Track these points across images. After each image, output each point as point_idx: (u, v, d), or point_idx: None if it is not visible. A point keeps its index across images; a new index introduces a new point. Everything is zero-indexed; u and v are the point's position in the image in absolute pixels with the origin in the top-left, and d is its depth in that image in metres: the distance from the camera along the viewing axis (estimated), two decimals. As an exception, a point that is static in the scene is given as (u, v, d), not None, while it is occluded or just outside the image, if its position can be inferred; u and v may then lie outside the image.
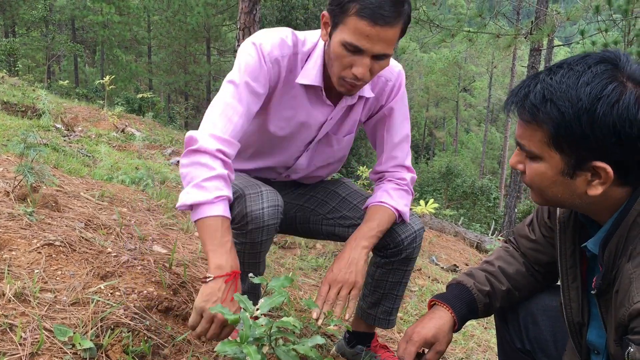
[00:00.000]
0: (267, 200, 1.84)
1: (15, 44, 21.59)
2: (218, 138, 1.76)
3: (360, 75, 1.75)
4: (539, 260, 1.76)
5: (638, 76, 1.23)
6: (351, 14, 1.68)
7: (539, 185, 1.37)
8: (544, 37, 11.91)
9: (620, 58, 1.26)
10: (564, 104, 1.22)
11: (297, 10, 22.57)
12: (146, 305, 2.07)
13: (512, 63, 33.59)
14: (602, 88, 1.20)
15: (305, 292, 3.13)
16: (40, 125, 6.85)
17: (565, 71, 1.25)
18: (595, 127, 1.20)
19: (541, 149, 1.30)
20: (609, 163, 1.23)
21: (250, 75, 1.84)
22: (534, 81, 1.30)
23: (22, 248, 2.12)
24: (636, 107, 1.19)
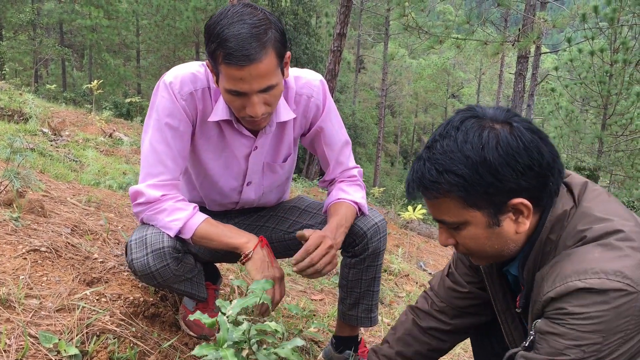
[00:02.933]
0: (151, 244, 1.85)
1: (2, 47, 21.47)
2: (158, 186, 1.88)
3: (254, 114, 1.76)
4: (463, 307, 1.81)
5: (497, 115, 1.36)
6: (220, 63, 1.68)
7: (477, 248, 1.44)
8: (531, 44, 12.01)
9: (476, 109, 1.39)
10: (458, 168, 1.31)
11: (287, 16, 22.62)
12: (132, 311, 2.06)
13: (500, 70, 33.81)
14: (479, 138, 1.30)
15: (293, 298, 3.13)
16: (27, 129, 6.81)
17: (441, 142, 1.35)
18: (493, 172, 1.30)
19: (461, 215, 1.38)
20: (522, 197, 1.33)
21: (168, 115, 1.86)
22: (420, 163, 1.38)
23: (8, 254, 2.10)
24: (513, 138, 1.30)
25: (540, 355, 1.32)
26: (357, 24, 33.67)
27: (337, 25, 10.92)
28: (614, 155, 14.56)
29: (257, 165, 2.08)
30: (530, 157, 1.30)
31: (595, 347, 1.24)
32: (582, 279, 1.25)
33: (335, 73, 11.24)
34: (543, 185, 1.34)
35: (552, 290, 1.30)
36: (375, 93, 40.36)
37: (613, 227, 1.31)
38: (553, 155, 1.35)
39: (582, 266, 1.27)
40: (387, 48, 28.98)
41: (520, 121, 1.36)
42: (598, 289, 1.23)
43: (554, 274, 1.33)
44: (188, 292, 2.09)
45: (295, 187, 9.73)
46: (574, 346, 1.26)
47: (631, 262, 1.25)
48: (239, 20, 1.66)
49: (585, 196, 1.41)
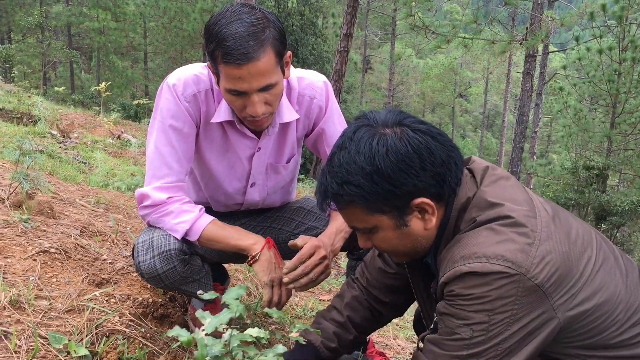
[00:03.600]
0: (158, 247, 1.86)
1: (11, 50, 21.56)
2: (164, 188, 1.88)
3: (254, 113, 1.76)
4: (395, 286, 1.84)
5: (388, 119, 1.41)
6: (219, 63, 1.68)
7: (391, 248, 1.52)
8: (539, 43, 11.97)
9: (368, 115, 1.45)
10: (355, 179, 1.37)
11: (294, 17, 22.64)
12: (141, 312, 2.06)
13: (508, 69, 33.69)
14: (370, 148, 1.36)
15: (301, 299, 3.13)
16: (35, 132, 6.84)
17: (338, 154, 1.41)
18: (388, 179, 1.35)
19: (368, 221, 1.44)
20: (423, 196, 1.39)
21: (172, 117, 1.87)
22: (323, 176, 1.44)
23: (18, 255, 2.12)
24: (402, 143, 1.36)
25: (439, 335, 1.41)
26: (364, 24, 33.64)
27: (344, 26, 10.91)
28: (623, 154, 14.48)
29: (260, 167, 2.08)
30: (421, 159, 1.36)
31: (483, 325, 1.32)
32: (466, 264, 1.33)
33: (342, 73, 11.23)
34: (441, 181, 1.40)
35: (444, 275, 1.38)
36: (382, 93, 40.31)
37: (501, 213, 1.38)
38: (447, 151, 1.40)
39: (467, 251, 1.35)
40: (394, 48, 28.94)
41: (411, 123, 1.41)
42: (480, 272, 1.31)
43: (447, 259, 1.41)
44: (195, 294, 2.09)
45: (303, 188, 9.74)
46: (464, 325, 1.34)
47: (514, 246, 1.32)
48: (237, 20, 1.66)
49: (484, 181, 1.47)
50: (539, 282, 1.30)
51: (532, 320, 1.32)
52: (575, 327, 1.37)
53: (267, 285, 1.89)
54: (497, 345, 1.33)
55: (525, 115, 14.28)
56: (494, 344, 1.33)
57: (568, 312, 1.35)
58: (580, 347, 1.41)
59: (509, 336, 1.32)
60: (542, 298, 1.31)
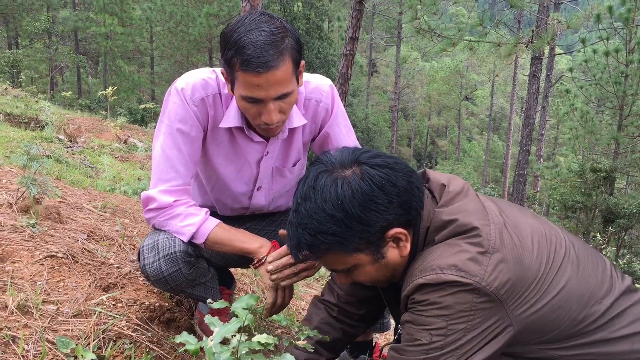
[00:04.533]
0: (163, 249, 1.87)
1: (18, 55, 21.72)
2: (170, 191, 1.89)
3: (269, 121, 1.76)
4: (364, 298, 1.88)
5: (344, 160, 1.45)
6: (237, 70, 1.68)
7: (371, 280, 1.58)
8: (545, 45, 11.93)
9: (323, 160, 1.48)
10: (328, 227, 1.40)
11: (299, 21, 22.68)
12: (148, 316, 2.07)
13: (514, 71, 33.63)
14: (336, 194, 1.39)
15: (307, 302, 3.13)
16: (43, 136, 6.88)
17: (304, 204, 1.43)
18: (360, 220, 1.39)
19: (348, 262, 1.48)
20: (395, 227, 1.43)
21: (180, 121, 1.87)
22: (293, 228, 1.47)
23: (25, 260, 2.13)
24: (366, 183, 1.39)
25: (402, 343, 1.45)
26: (370, 27, 33.68)
27: (349, 29, 10.92)
28: (631, 157, 14.39)
29: (267, 170, 2.08)
30: (387, 194, 1.40)
31: (441, 330, 1.37)
32: (423, 276, 1.39)
33: (348, 77, 11.23)
34: (408, 208, 1.44)
35: (405, 290, 1.45)
36: (388, 96, 40.32)
37: (455, 228, 1.43)
38: (407, 177, 1.45)
39: (424, 264, 1.42)
40: (400, 51, 28.95)
41: (367, 159, 1.44)
42: (435, 283, 1.37)
43: (408, 275, 1.47)
44: (202, 297, 2.09)
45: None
46: (423, 330, 1.39)
47: (466, 255, 1.37)
48: (257, 28, 1.66)
49: (441, 200, 1.51)
50: (493, 289, 1.34)
51: (489, 327, 1.37)
52: (532, 328, 1.41)
53: (272, 288, 1.90)
54: (454, 351, 1.37)
55: (531, 118, 14.25)
56: (451, 349, 1.37)
57: (524, 318, 1.39)
58: (539, 342, 1.45)
59: (466, 342, 1.37)
60: (498, 306, 1.36)
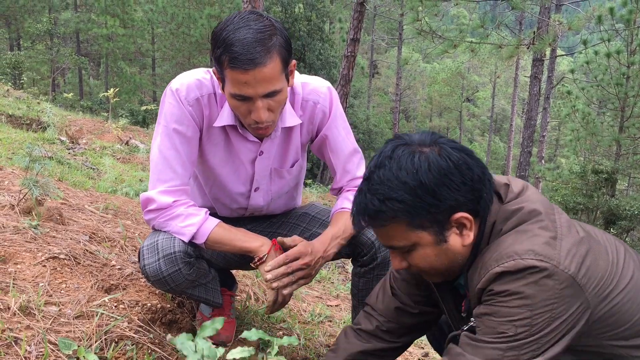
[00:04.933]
0: (163, 249, 1.87)
1: (20, 57, 21.77)
2: (169, 192, 1.90)
3: (258, 119, 1.77)
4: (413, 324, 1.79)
5: (424, 139, 1.44)
6: (226, 67, 1.70)
7: (429, 267, 1.51)
8: (546, 47, 11.92)
9: (403, 137, 1.47)
10: (398, 194, 1.38)
11: (300, 22, 22.68)
12: (150, 317, 2.07)
13: (515, 73, 33.63)
14: (412, 164, 1.38)
15: (309, 304, 3.13)
16: (45, 138, 6.89)
17: (377, 172, 1.42)
18: (432, 193, 1.38)
19: (409, 239, 1.45)
20: (462, 211, 1.41)
21: (176, 121, 1.89)
22: (361, 195, 1.45)
23: (27, 261, 2.13)
24: (443, 159, 1.39)
25: (479, 334, 1.40)
26: (371, 29, 33.69)
27: (351, 31, 10.93)
28: (632, 158, 14.39)
29: (264, 171, 2.09)
30: (462, 174, 1.39)
31: (525, 321, 1.32)
32: (500, 264, 1.35)
33: (349, 78, 11.24)
34: (478, 197, 1.42)
35: (480, 282, 1.40)
36: (389, 98, 40.32)
37: (523, 215, 1.43)
38: (481, 168, 1.44)
39: (498, 253, 1.38)
40: (401, 53, 28.95)
41: (446, 142, 1.44)
42: (514, 270, 1.33)
43: (479, 268, 1.43)
44: (203, 298, 2.10)
45: (310, 192, 9.75)
46: (506, 322, 1.34)
47: (540, 240, 1.35)
48: (245, 26, 1.68)
49: (508, 197, 1.50)
50: (572, 273, 1.33)
51: (572, 314, 1.34)
52: (606, 318, 1.39)
53: (272, 288, 1.90)
54: (538, 340, 1.34)
55: (533, 119, 14.23)
56: (535, 338, 1.33)
57: (601, 304, 1.37)
58: (612, 337, 1.43)
59: (550, 331, 1.33)
60: (578, 291, 1.34)
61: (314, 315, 2.94)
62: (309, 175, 16.69)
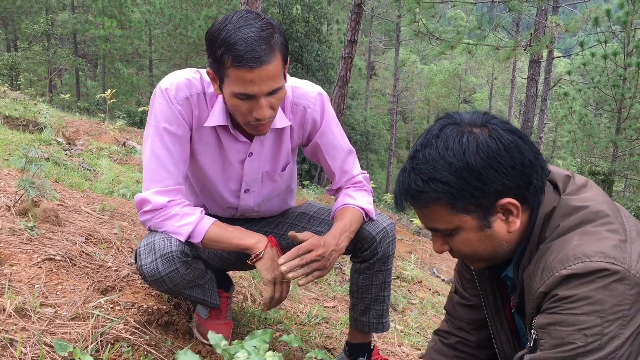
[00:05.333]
0: (160, 249, 1.86)
1: (17, 58, 21.74)
2: (163, 192, 1.89)
3: (262, 116, 1.78)
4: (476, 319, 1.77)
5: (475, 120, 1.38)
6: (228, 66, 1.69)
7: (471, 252, 1.45)
8: (543, 48, 11.95)
9: (453, 116, 1.41)
10: (443, 175, 1.32)
11: (298, 23, 22.69)
12: (146, 319, 2.07)
13: (512, 74, 33.72)
14: (460, 144, 1.32)
15: (306, 305, 3.13)
16: (41, 139, 6.87)
17: (423, 151, 1.36)
18: (478, 175, 1.31)
19: (452, 222, 1.39)
20: (509, 197, 1.34)
21: (166, 121, 1.88)
22: (405, 174, 1.40)
23: (23, 263, 2.13)
24: (493, 141, 1.32)
25: (546, 350, 1.29)
26: (368, 30, 33.71)
27: (348, 32, 10.94)
28: (629, 160, 14.41)
29: (254, 173, 2.09)
30: (512, 157, 1.32)
31: (596, 329, 1.22)
32: (567, 267, 1.26)
33: (347, 80, 11.26)
34: (528, 183, 1.35)
35: (542, 285, 1.31)
36: (386, 99, 40.35)
37: (588, 214, 1.34)
38: (534, 153, 1.36)
39: (563, 255, 1.29)
40: (399, 54, 28.98)
41: (498, 123, 1.37)
42: (582, 273, 1.24)
43: (540, 269, 1.34)
44: (200, 299, 2.10)
45: (307, 194, 9.74)
46: (576, 331, 1.24)
47: (610, 242, 1.27)
48: (246, 25, 1.68)
49: (567, 189, 1.43)
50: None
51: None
52: None
53: (269, 282, 1.90)
54: (614, 352, 1.22)
55: (530, 121, 14.26)
56: (610, 350, 1.22)
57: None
58: None
59: (624, 340, 1.23)
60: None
61: (310, 316, 2.93)
62: (307, 177, 16.69)
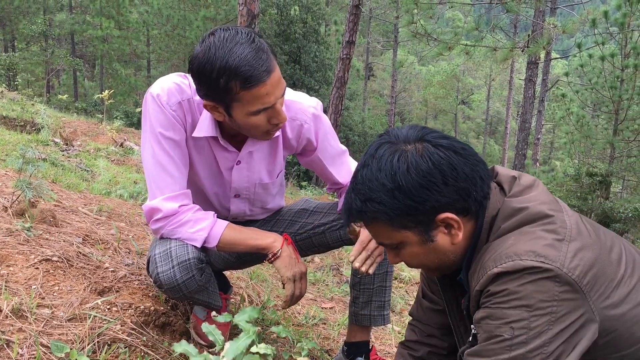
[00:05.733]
0: (176, 257, 1.86)
1: (14, 58, 21.69)
2: (172, 198, 1.88)
3: (281, 120, 1.80)
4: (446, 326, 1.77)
5: (410, 135, 1.40)
6: (239, 91, 1.67)
7: (419, 263, 1.50)
8: (541, 50, 11.98)
9: (390, 133, 1.44)
10: (377, 196, 1.36)
11: (296, 24, 22.70)
12: (143, 320, 2.07)
13: (510, 76, 33.72)
14: (391, 165, 1.35)
15: (303, 307, 3.13)
16: (39, 139, 6.86)
17: (361, 171, 1.40)
18: (410, 195, 1.34)
19: (394, 237, 1.43)
20: (447, 211, 1.36)
21: (162, 127, 1.87)
22: (348, 193, 1.44)
23: (20, 264, 2.12)
24: (424, 160, 1.34)
25: (479, 344, 1.34)
26: (366, 31, 33.74)
27: (346, 33, 10.95)
28: (626, 161, 14.43)
29: (243, 182, 2.08)
30: (443, 175, 1.34)
31: (523, 322, 1.26)
32: (498, 265, 1.30)
33: (345, 81, 11.26)
34: (465, 196, 1.37)
35: (478, 284, 1.36)
36: (384, 100, 40.36)
37: (527, 215, 1.37)
38: (470, 165, 1.37)
39: (497, 254, 1.33)
40: (396, 55, 29.02)
41: (433, 138, 1.39)
42: (512, 270, 1.28)
43: (477, 269, 1.39)
44: (205, 302, 2.10)
45: (305, 195, 9.74)
46: (503, 324, 1.28)
47: (543, 242, 1.30)
48: (235, 44, 1.65)
49: (512, 191, 1.45)
50: (575, 278, 1.26)
51: (575, 322, 1.26)
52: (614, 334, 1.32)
53: (289, 280, 1.92)
54: (541, 348, 1.25)
55: (527, 122, 14.29)
56: (537, 345, 1.25)
57: (607, 315, 1.30)
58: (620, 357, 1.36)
59: (552, 337, 1.25)
60: (581, 297, 1.27)
61: (308, 317, 2.93)
62: (304, 178, 16.69)
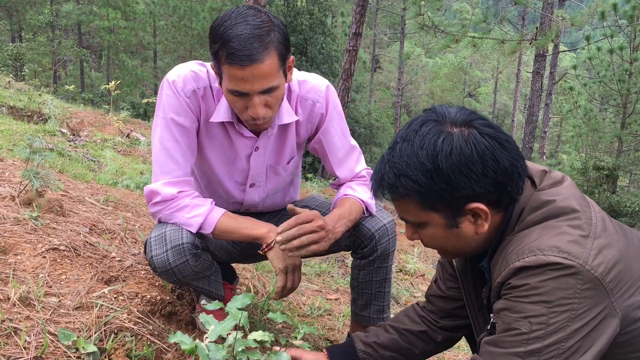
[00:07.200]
0: (171, 241, 1.87)
1: (21, 49, 21.70)
2: (173, 183, 1.90)
3: (255, 115, 1.77)
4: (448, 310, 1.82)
5: (457, 117, 1.37)
6: (223, 63, 1.70)
7: (437, 245, 1.50)
8: (549, 42, 11.88)
9: (437, 110, 1.41)
10: (413, 173, 1.34)
11: (302, 16, 22.61)
12: (149, 309, 2.08)
13: (518, 68, 33.53)
14: (434, 145, 1.32)
15: (308, 297, 3.13)
16: (46, 130, 6.88)
17: (400, 144, 1.37)
18: (447, 179, 1.32)
19: (420, 216, 1.42)
20: (479, 201, 1.35)
21: (174, 112, 1.88)
22: (382, 164, 1.42)
23: (27, 252, 2.13)
24: (468, 146, 1.31)
25: (497, 334, 1.35)
26: (373, 23, 33.58)
27: (353, 25, 10.90)
28: (634, 155, 14.37)
29: (259, 167, 2.09)
30: (484, 165, 1.32)
31: (541, 318, 1.26)
32: (521, 259, 1.30)
33: (351, 72, 11.23)
34: (500, 190, 1.35)
35: (499, 276, 1.35)
36: (391, 92, 40.24)
37: (553, 209, 1.36)
38: (512, 159, 1.35)
39: (520, 247, 1.32)
40: (403, 47, 28.89)
41: (481, 125, 1.36)
42: (534, 265, 1.27)
43: (500, 260, 1.39)
44: (206, 290, 2.11)
45: (311, 186, 9.75)
46: (521, 318, 1.28)
47: (568, 238, 1.29)
48: (243, 22, 1.68)
49: (542, 184, 1.44)
50: (598, 275, 1.25)
51: (594, 318, 1.25)
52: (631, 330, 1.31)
53: (281, 271, 1.91)
54: (558, 344, 1.25)
55: (534, 115, 14.22)
56: (554, 340, 1.25)
57: (630, 314, 1.29)
58: None
59: (570, 334, 1.25)
60: (602, 294, 1.25)
61: (313, 308, 2.94)
62: (310, 170, 16.68)
